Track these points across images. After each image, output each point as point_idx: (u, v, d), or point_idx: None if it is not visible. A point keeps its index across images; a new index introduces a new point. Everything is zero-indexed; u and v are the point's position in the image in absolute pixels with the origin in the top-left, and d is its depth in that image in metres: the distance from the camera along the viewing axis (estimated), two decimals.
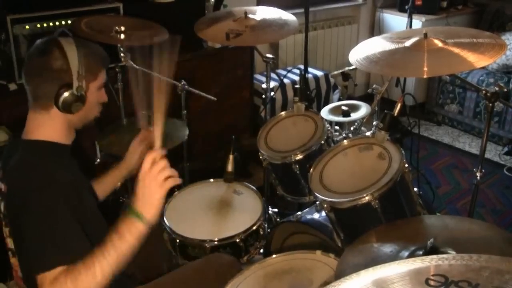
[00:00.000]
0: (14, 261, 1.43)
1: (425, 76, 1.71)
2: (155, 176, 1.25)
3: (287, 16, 2.41)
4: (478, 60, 1.67)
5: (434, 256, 0.63)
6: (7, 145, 1.54)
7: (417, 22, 4.19)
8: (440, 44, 1.78)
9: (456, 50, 1.74)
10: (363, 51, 1.89)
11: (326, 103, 3.81)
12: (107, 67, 1.50)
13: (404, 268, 0.62)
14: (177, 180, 1.28)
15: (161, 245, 1.99)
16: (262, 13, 2.43)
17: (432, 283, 0.59)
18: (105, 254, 1.21)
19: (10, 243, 1.41)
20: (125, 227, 1.24)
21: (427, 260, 0.62)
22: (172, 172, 1.27)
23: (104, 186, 1.80)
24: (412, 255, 1.37)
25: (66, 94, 1.36)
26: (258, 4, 3.83)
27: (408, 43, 1.83)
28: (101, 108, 1.54)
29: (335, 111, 2.76)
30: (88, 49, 1.42)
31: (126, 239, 1.23)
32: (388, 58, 1.82)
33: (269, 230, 2.21)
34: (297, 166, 2.08)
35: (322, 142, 2.10)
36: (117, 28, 2.26)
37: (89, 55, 1.41)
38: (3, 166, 1.42)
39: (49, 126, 1.41)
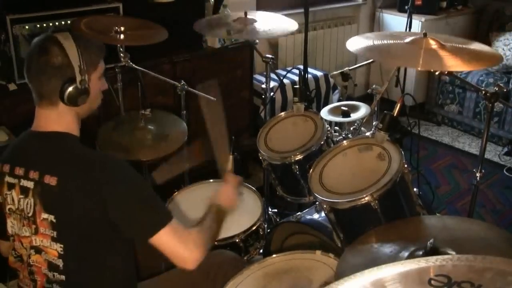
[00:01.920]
0: (37, 258, 1.43)
1: (419, 68, 1.78)
2: (234, 188, 1.76)
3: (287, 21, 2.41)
4: (473, 63, 1.71)
5: (439, 257, 0.63)
6: (17, 139, 1.53)
7: (417, 22, 4.19)
8: (437, 46, 1.79)
9: (452, 51, 1.77)
10: (363, 40, 1.95)
11: (326, 104, 3.81)
12: (105, 56, 1.53)
13: (406, 268, 0.62)
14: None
15: None
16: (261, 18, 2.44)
17: (434, 283, 0.59)
18: (209, 226, 1.56)
19: (35, 240, 1.41)
20: (215, 214, 1.62)
21: (431, 261, 0.62)
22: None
23: None
24: (412, 255, 1.37)
25: (70, 88, 1.39)
26: (258, 4, 3.83)
27: (407, 39, 1.85)
28: (102, 96, 1.57)
29: (334, 111, 2.76)
30: (85, 42, 1.46)
31: (218, 221, 1.61)
32: (386, 48, 1.88)
33: (269, 230, 2.21)
34: (297, 166, 2.08)
35: (322, 142, 2.10)
36: (116, 28, 2.26)
37: (87, 48, 1.45)
38: (30, 164, 1.41)
39: (61, 121, 1.44)
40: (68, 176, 1.37)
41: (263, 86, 2.71)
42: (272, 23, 2.45)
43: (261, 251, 2.14)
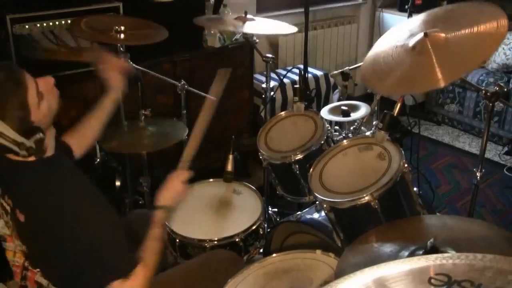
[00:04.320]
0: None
1: (442, 85, 1.60)
2: (179, 187, 1.62)
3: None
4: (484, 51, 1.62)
5: (438, 255, 0.63)
6: None
7: None
8: (442, 36, 1.69)
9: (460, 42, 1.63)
10: (369, 66, 1.80)
11: (326, 103, 3.81)
12: (23, 84, 1.33)
13: (406, 267, 0.62)
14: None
15: None
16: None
17: (434, 282, 0.59)
18: (157, 240, 1.51)
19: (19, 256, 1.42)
20: (160, 218, 1.56)
21: (431, 259, 0.62)
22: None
23: (87, 134, 1.80)
24: (412, 255, 1.37)
25: (21, 153, 1.29)
26: (258, 4, 3.83)
27: (410, 44, 1.76)
28: (56, 93, 1.44)
29: (335, 111, 2.76)
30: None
31: (163, 226, 1.59)
32: (397, 72, 1.69)
33: (268, 230, 2.21)
34: (297, 166, 2.08)
35: (322, 142, 2.09)
36: (117, 27, 2.26)
37: (4, 108, 1.27)
38: (6, 188, 1.37)
39: None
40: (33, 216, 1.31)
41: (263, 85, 2.71)
42: (272, 25, 2.45)
43: (261, 250, 2.14)
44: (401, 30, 1.94)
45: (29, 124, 1.32)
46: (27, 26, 2.46)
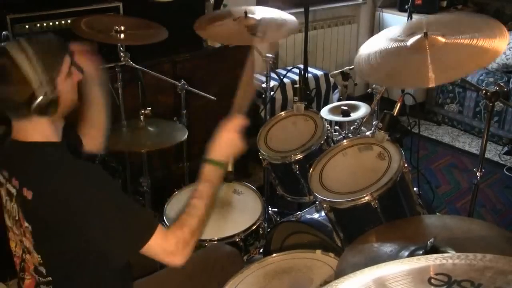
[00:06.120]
0: (27, 257, 1.44)
1: (431, 85, 1.61)
2: (235, 136, 1.47)
3: (286, 16, 2.40)
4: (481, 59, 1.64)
5: (438, 255, 0.63)
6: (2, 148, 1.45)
7: None
8: (442, 40, 1.71)
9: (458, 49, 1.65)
10: (365, 56, 1.84)
11: (326, 103, 3.81)
12: (68, 50, 1.41)
13: (406, 267, 0.62)
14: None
15: None
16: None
17: (434, 282, 0.59)
18: (202, 198, 1.41)
19: (24, 241, 1.41)
20: (210, 174, 1.43)
21: (431, 259, 0.62)
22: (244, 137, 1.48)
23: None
24: (412, 255, 1.37)
25: (35, 105, 1.30)
26: (258, 3, 3.83)
27: (409, 42, 1.78)
28: (77, 88, 1.45)
29: (334, 111, 2.76)
30: (41, 46, 1.33)
31: (213, 183, 1.43)
32: (390, 65, 1.73)
33: (269, 229, 2.21)
34: (297, 166, 2.08)
35: (322, 142, 2.10)
36: (117, 27, 2.26)
37: (45, 53, 1.32)
38: (13, 171, 1.38)
39: (37, 130, 1.37)
40: (42, 193, 1.30)
41: (263, 85, 2.71)
42: (273, 23, 2.45)
43: (261, 250, 2.14)
44: (402, 29, 1.95)
45: (53, 82, 1.33)
46: (27, 26, 2.46)
